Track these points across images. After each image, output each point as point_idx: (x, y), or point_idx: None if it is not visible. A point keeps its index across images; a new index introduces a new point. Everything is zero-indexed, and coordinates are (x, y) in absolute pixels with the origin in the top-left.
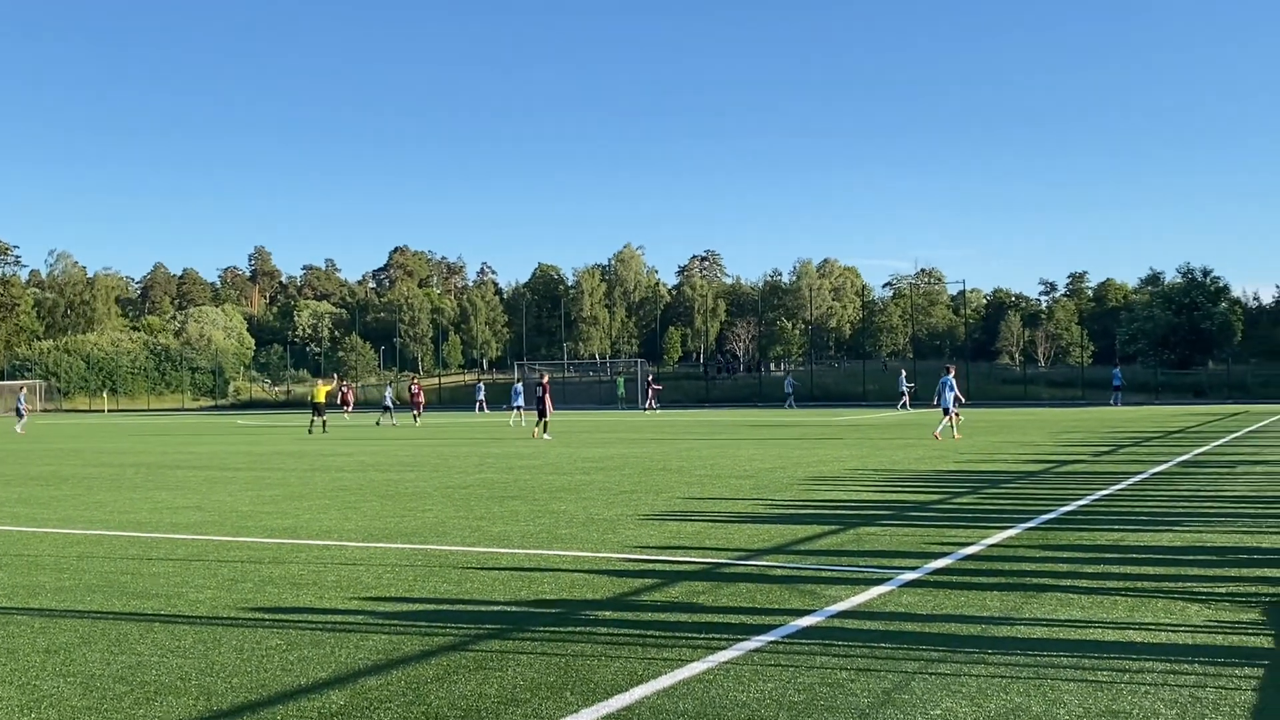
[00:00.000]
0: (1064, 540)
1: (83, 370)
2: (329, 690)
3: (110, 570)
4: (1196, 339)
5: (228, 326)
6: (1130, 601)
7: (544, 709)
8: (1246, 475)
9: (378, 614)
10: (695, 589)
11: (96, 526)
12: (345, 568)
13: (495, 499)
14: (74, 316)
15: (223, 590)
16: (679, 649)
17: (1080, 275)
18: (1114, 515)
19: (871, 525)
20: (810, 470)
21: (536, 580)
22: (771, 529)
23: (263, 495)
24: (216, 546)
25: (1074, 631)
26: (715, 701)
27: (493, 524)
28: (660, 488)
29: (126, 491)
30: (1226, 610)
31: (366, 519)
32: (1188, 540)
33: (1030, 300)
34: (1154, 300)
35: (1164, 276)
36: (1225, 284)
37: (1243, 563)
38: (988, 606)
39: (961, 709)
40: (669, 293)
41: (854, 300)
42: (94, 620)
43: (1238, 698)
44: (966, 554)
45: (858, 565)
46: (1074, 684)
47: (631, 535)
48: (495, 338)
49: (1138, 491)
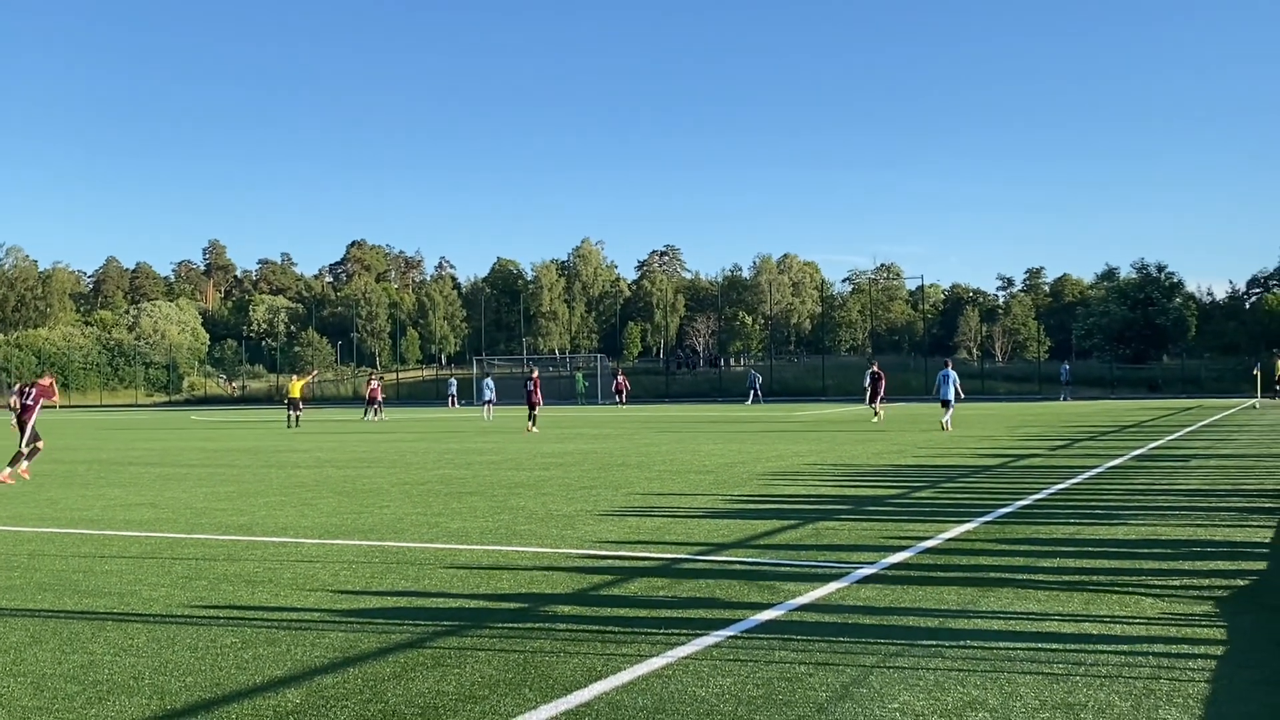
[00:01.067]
0: (1020, 534)
1: (34, 365)
2: (285, 688)
3: (62, 568)
4: (1151, 334)
5: (182, 321)
6: (1086, 595)
7: (502, 706)
8: (1200, 469)
9: (334, 611)
10: (654, 584)
11: (48, 524)
12: (301, 565)
13: (453, 495)
14: (25, 311)
15: (177, 588)
16: (638, 644)
17: (1037, 271)
18: (1070, 509)
19: (830, 520)
20: (770, 465)
21: (495, 577)
22: (731, 524)
23: (217, 492)
24: (170, 544)
25: (1030, 624)
26: (674, 697)
27: (451, 520)
28: (620, 483)
29: (79, 488)
30: (1180, 603)
31: (323, 515)
32: (1142, 534)
33: (988, 296)
34: (1110, 296)
35: (1119, 272)
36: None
37: (1196, 555)
38: (945, 600)
39: (919, 702)
40: (629, 288)
41: (813, 295)
42: (45, 619)
43: (1191, 689)
44: (924, 548)
45: (816, 560)
46: (1030, 676)
47: (591, 531)
48: (454, 333)
49: (1093, 486)
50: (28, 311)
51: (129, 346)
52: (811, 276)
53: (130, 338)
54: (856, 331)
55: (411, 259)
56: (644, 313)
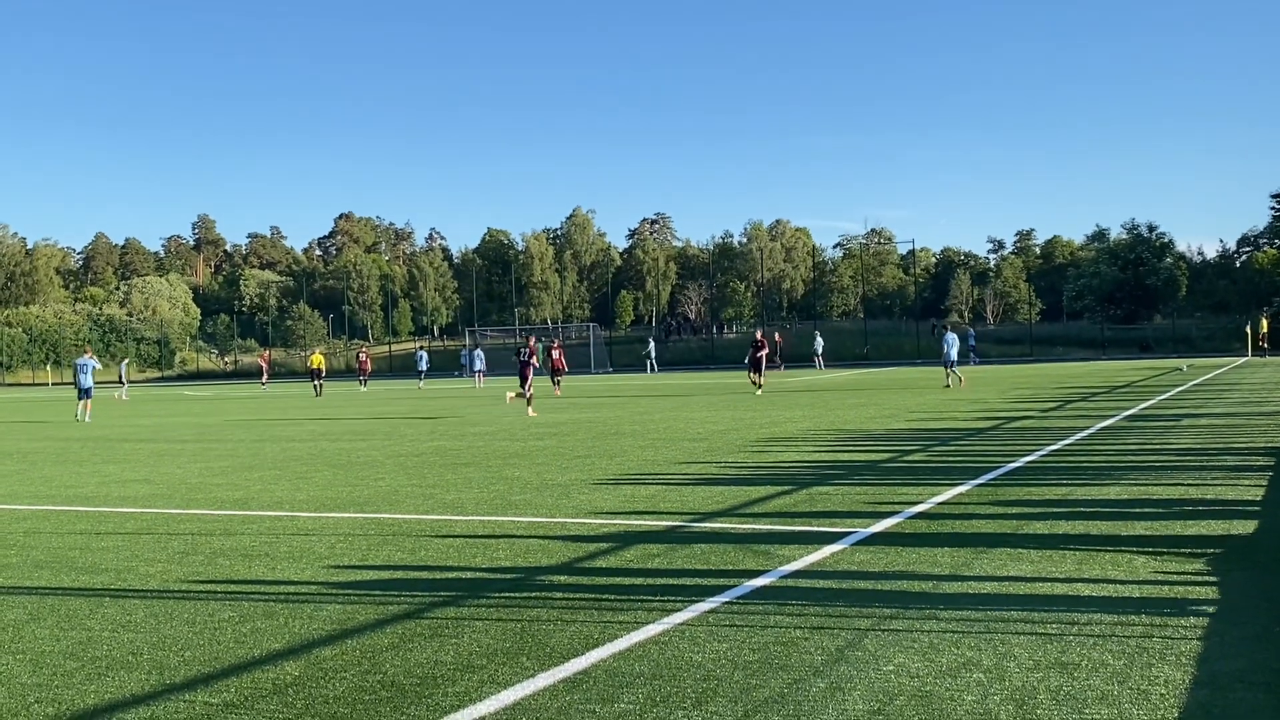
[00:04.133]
0: (1013, 496)
1: (25, 343)
2: (283, 661)
3: (58, 545)
4: (1142, 294)
5: (173, 297)
6: (1079, 555)
7: (500, 675)
8: (1191, 428)
9: (331, 584)
10: (650, 552)
11: (43, 502)
12: (297, 538)
13: (448, 466)
14: (14, 289)
15: (173, 563)
16: (634, 612)
17: (1028, 233)
18: (1062, 470)
19: (824, 485)
20: (763, 432)
21: (491, 547)
22: (725, 490)
23: (212, 467)
24: (166, 519)
25: (1024, 586)
26: (670, 663)
27: (446, 492)
28: (614, 452)
29: (73, 465)
30: (1173, 561)
31: (318, 489)
32: (1135, 493)
33: (979, 259)
34: (1100, 257)
35: (1110, 233)
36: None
37: (1188, 515)
38: (939, 563)
39: (914, 664)
40: (620, 256)
41: (806, 261)
42: (42, 596)
43: (1183, 647)
44: (917, 511)
45: (810, 525)
46: (1024, 637)
47: (586, 500)
48: (445, 304)
49: (1085, 446)
50: (17, 289)
51: (120, 323)
52: (803, 242)
53: (122, 314)
54: (848, 297)
55: (402, 230)
56: (636, 281)
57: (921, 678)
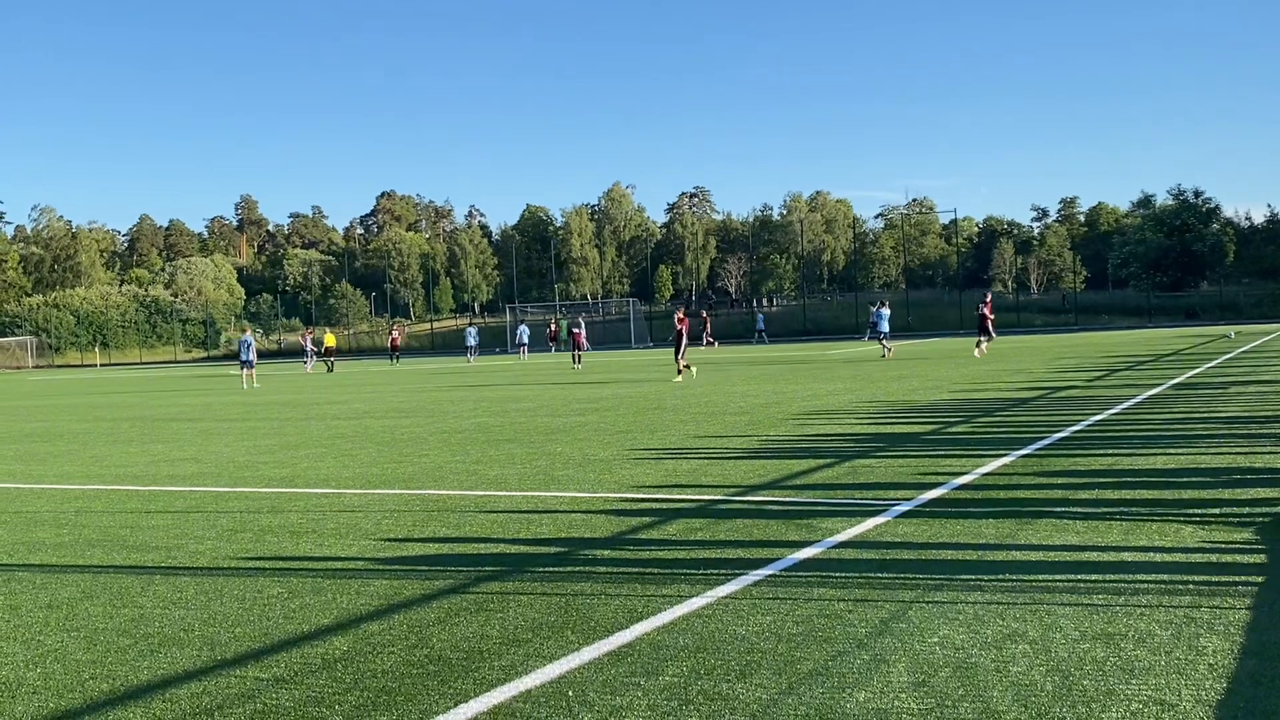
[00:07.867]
0: (1058, 466)
1: (73, 325)
2: (332, 636)
3: (109, 524)
4: (1189, 261)
5: (217, 277)
6: (1125, 525)
7: (545, 649)
8: (1239, 395)
9: (377, 559)
10: (693, 526)
11: (94, 481)
12: (344, 515)
13: (491, 443)
14: (60, 271)
15: (222, 541)
16: (678, 585)
17: (1072, 200)
18: (1108, 439)
19: (866, 457)
20: (804, 405)
21: (535, 522)
22: (767, 464)
23: (259, 445)
24: (214, 498)
25: (1069, 556)
26: (714, 635)
27: (489, 468)
28: (655, 426)
29: (123, 445)
30: (1220, 531)
31: (363, 466)
32: (1182, 462)
33: (1023, 227)
34: (1146, 223)
35: (1155, 199)
36: (1217, 205)
37: (1236, 483)
38: (983, 534)
39: (959, 636)
40: (659, 230)
41: (846, 233)
42: (95, 574)
43: (1232, 616)
44: (961, 483)
45: (854, 498)
46: (1070, 608)
47: (628, 475)
48: (486, 281)
49: (1131, 416)
50: (63, 272)
51: (165, 304)
52: (844, 214)
53: (167, 295)
54: (890, 268)
55: (441, 208)
56: (675, 255)
57: (965, 650)
